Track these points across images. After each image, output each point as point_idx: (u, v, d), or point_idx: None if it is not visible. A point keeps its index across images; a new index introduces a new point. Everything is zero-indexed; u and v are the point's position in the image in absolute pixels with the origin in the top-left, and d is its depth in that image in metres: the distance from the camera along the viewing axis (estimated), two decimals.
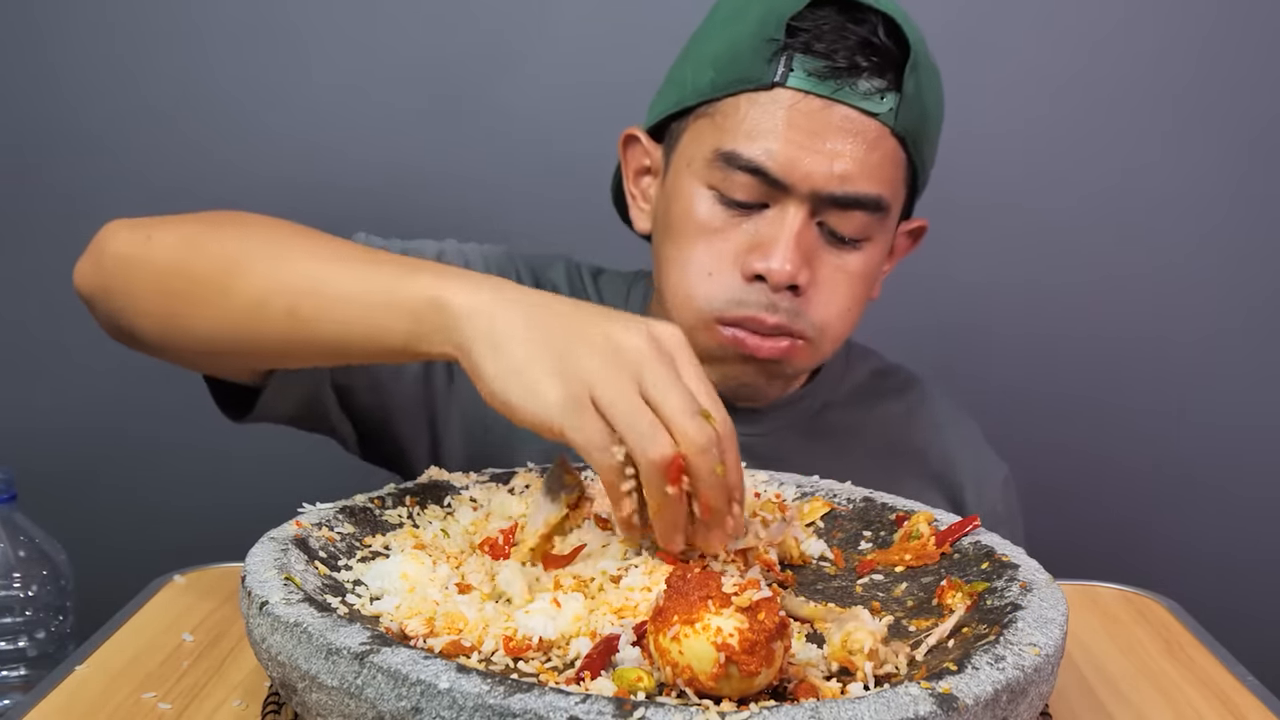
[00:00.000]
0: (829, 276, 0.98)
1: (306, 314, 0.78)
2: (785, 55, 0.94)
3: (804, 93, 0.94)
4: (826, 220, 0.97)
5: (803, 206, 0.95)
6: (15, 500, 1.02)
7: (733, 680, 0.56)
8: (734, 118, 0.96)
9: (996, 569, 0.73)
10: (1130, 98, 1.48)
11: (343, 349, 0.79)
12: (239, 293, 0.81)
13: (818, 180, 0.94)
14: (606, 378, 0.67)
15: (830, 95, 0.94)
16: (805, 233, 0.96)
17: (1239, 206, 1.50)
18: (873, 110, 0.94)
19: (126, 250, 0.88)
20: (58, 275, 1.47)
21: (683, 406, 0.67)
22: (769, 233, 0.96)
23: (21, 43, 1.44)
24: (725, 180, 0.96)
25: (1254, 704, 0.76)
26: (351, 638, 0.58)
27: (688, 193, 0.99)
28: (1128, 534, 1.55)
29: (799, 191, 0.95)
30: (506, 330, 0.70)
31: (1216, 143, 1.49)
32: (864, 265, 0.99)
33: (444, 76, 1.46)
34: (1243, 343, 1.53)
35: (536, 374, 0.68)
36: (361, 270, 0.77)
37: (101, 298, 0.90)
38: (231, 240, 0.84)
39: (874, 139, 0.95)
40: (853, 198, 0.95)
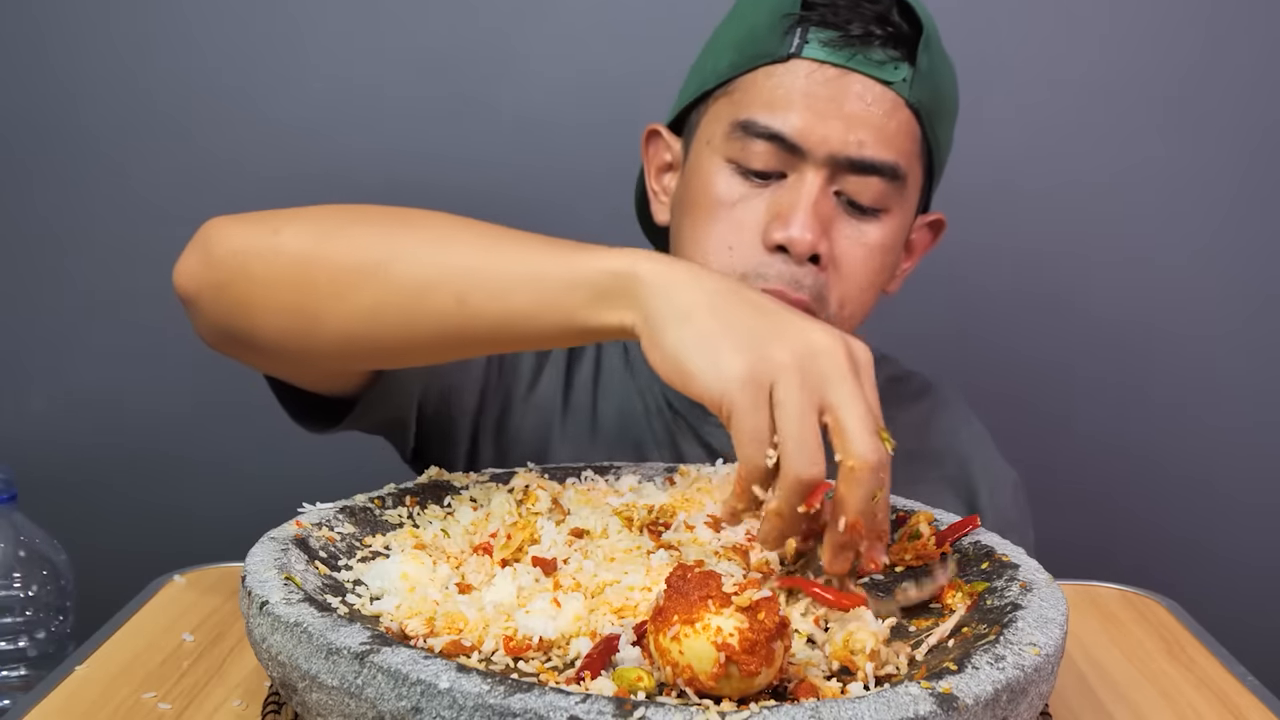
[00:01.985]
0: (847, 248, 0.97)
1: (478, 299, 0.75)
2: (801, 27, 0.96)
3: (819, 62, 0.95)
4: (845, 188, 0.97)
5: (820, 172, 0.95)
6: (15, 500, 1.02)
7: (733, 680, 0.56)
8: (751, 91, 0.97)
9: (996, 569, 0.73)
10: (1131, 96, 1.48)
11: (508, 333, 0.76)
12: (397, 280, 0.76)
13: (834, 144, 0.95)
14: (792, 375, 0.65)
15: (845, 64, 0.95)
16: (823, 200, 0.96)
17: (1241, 207, 1.50)
18: (887, 79, 0.95)
19: (250, 244, 0.82)
20: (57, 275, 1.48)
21: (866, 421, 0.66)
22: (788, 200, 0.96)
23: (22, 43, 1.44)
24: (743, 150, 0.97)
25: (1254, 704, 0.76)
26: (351, 638, 0.58)
27: (706, 169, 0.99)
28: (1128, 534, 1.55)
29: (816, 156, 0.95)
30: (701, 303, 0.68)
31: (1219, 141, 1.49)
32: (882, 238, 0.99)
33: (447, 74, 1.46)
34: (1243, 343, 1.53)
35: (724, 348, 0.66)
36: (534, 250, 0.75)
37: (212, 296, 0.83)
38: (378, 226, 0.80)
39: (889, 107, 0.96)
40: (870, 163, 0.96)
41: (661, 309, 0.69)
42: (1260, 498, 1.56)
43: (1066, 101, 1.48)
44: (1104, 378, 1.53)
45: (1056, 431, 1.53)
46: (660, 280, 0.69)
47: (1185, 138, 1.49)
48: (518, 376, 1.09)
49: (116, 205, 1.47)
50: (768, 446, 0.65)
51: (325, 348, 0.82)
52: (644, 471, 0.92)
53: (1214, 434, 1.54)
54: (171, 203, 1.47)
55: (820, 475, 0.65)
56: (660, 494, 0.86)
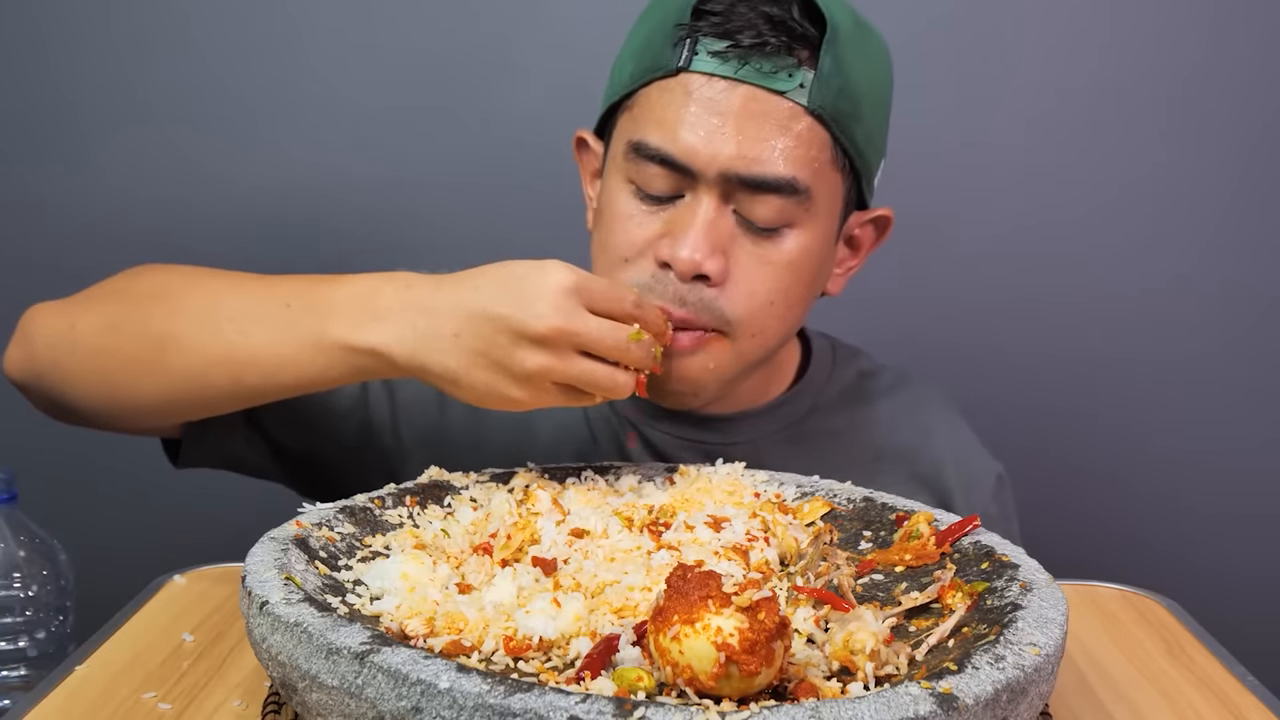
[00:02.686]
0: (748, 266, 0.94)
1: (251, 381, 0.88)
2: (690, 39, 0.92)
3: (708, 75, 0.92)
4: (740, 208, 0.93)
5: (713, 192, 0.92)
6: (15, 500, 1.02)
7: (733, 680, 0.56)
8: (645, 107, 0.95)
9: (996, 569, 0.73)
10: (1128, 102, 1.48)
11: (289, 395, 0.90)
12: (175, 368, 0.89)
13: (723, 163, 0.91)
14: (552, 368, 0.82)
15: (734, 75, 0.91)
16: (719, 221, 0.92)
17: (1240, 213, 1.50)
18: (779, 88, 0.91)
19: (54, 340, 0.94)
20: (56, 275, 1.48)
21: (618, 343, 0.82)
22: (681, 220, 0.93)
23: (22, 43, 1.44)
24: (639, 172, 0.94)
25: (1254, 704, 0.76)
26: (351, 637, 0.58)
27: (611, 187, 0.98)
28: (1128, 534, 1.55)
29: (706, 176, 0.92)
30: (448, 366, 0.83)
31: (1216, 147, 1.49)
32: (791, 254, 0.95)
33: (442, 80, 1.46)
34: (1244, 344, 1.53)
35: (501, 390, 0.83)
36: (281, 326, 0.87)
37: (36, 384, 0.97)
38: (155, 317, 0.91)
39: (784, 119, 0.92)
40: (763, 180, 0.92)
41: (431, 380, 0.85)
42: (1260, 498, 1.55)
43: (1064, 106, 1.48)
44: (1104, 378, 1.53)
45: (1057, 431, 1.53)
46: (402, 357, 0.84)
47: (1185, 142, 1.49)
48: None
49: (116, 205, 1.47)
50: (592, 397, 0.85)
51: (136, 418, 0.95)
52: (644, 471, 0.92)
53: (1215, 434, 1.54)
54: (171, 203, 1.47)
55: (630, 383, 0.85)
56: (660, 494, 0.86)
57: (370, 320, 0.84)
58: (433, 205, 1.48)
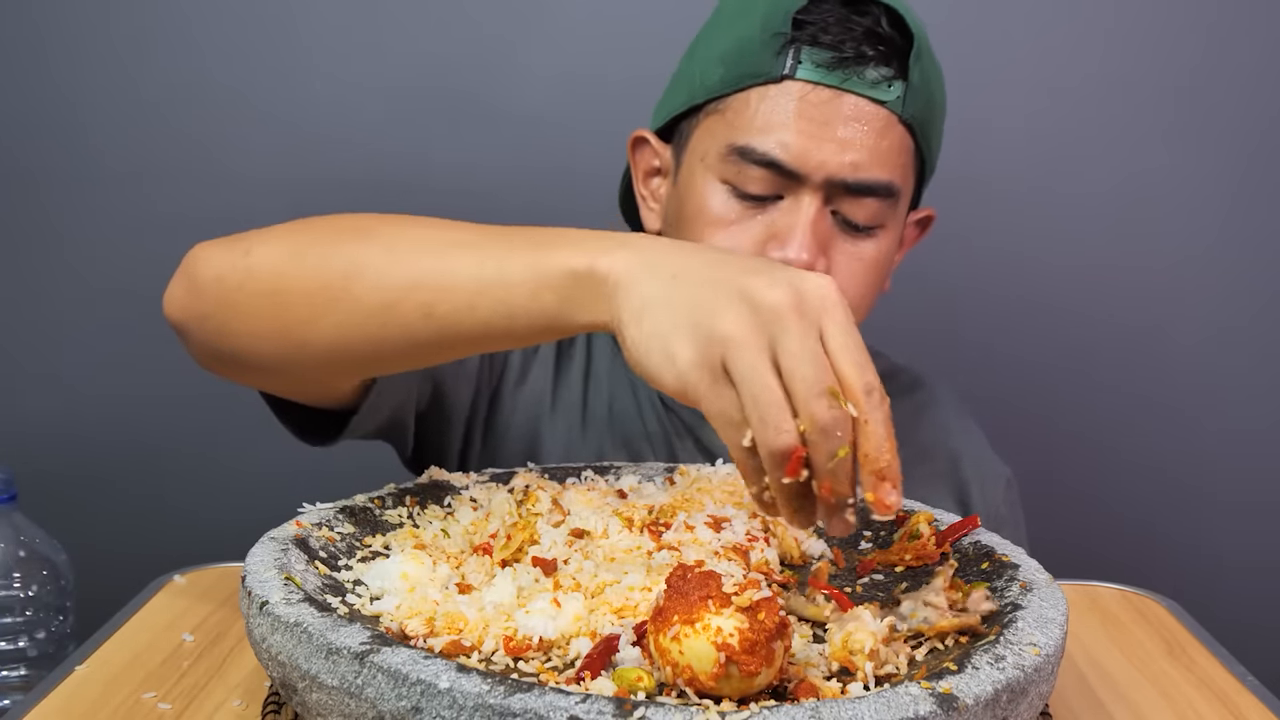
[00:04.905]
0: (845, 265, 0.99)
1: (444, 311, 0.74)
2: (793, 48, 0.96)
3: (813, 84, 0.96)
4: (840, 208, 0.98)
5: (817, 195, 0.96)
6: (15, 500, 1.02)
7: (733, 680, 0.56)
8: (745, 112, 0.97)
9: (996, 569, 0.73)
10: (1132, 96, 1.48)
11: (484, 338, 0.75)
12: (362, 298, 0.77)
13: (831, 168, 0.95)
14: (740, 346, 0.62)
15: (839, 85, 0.95)
16: (820, 221, 0.97)
17: (1242, 207, 1.50)
18: (881, 98, 0.96)
19: (225, 271, 0.83)
20: (57, 275, 1.48)
21: (812, 383, 0.61)
22: (785, 222, 0.97)
23: (21, 44, 1.44)
24: (739, 174, 0.97)
25: (1254, 704, 0.76)
26: (351, 637, 0.58)
27: (701, 187, 0.99)
28: (1127, 534, 1.55)
29: (813, 180, 0.96)
30: (650, 295, 0.66)
31: (1217, 142, 1.49)
32: (878, 253, 1.00)
33: (447, 76, 1.46)
34: (1245, 344, 1.53)
35: (675, 339, 0.64)
36: (492, 254, 0.73)
37: (199, 324, 0.85)
38: (340, 243, 0.80)
39: (883, 126, 0.97)
40: (866, 184, 0.97)
41: (623, 309, 0.67)
42: (1260, 498, 1.55)
43: (1068, 100, 1.48)
44: (1104, 378, 1.53)
45: (1057, 432, 1.53)
46: (621, 277, 0.67)
47: (1187, 141, 1.49)
48: (508, 369, 1.09)
49: (116, 205, 1.47)
50: (742, 425, 0.62)
51: (309, 365, 0.82)
52: (644, 471, 0.92)
53: (1215, 434, 1.54)
54: (171, 203, 1.47)
55: (789, 438, 0.61)
56: (660, 494, 0.86)
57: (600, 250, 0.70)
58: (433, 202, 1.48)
